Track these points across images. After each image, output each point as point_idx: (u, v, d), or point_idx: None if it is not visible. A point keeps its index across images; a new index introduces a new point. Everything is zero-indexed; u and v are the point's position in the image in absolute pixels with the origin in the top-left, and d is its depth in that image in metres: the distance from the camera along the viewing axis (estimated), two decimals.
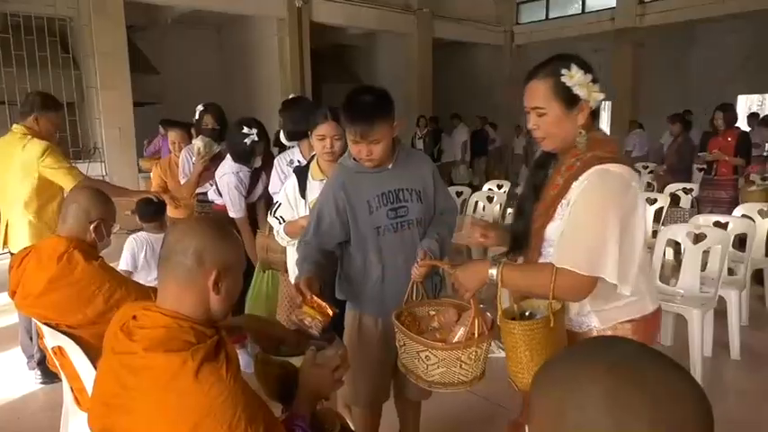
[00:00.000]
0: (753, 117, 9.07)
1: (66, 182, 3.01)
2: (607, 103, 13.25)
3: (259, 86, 10.29)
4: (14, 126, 3.13)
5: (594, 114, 1.49)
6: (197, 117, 3.56)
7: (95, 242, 1.96)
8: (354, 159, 1.90)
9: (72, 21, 7.58)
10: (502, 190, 5.56)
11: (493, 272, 1.48)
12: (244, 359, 3.01)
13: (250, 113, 3.85)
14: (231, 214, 3.08)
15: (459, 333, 1.56)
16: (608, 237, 1.35)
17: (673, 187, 5.72)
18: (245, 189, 3.08)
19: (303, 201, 2.32)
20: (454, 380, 1.52)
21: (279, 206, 2.40)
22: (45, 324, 1.85)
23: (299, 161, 2.78)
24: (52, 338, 1.85)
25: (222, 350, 1.11)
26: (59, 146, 3.26)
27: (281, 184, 2.73)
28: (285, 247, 2.51)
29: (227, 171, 3.06)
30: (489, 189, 5.61)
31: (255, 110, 10.05)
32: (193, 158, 3.48)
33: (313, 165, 2.37)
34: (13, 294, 1.92)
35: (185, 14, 9.38)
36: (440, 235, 1.97)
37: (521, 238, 1.60)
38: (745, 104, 13.36)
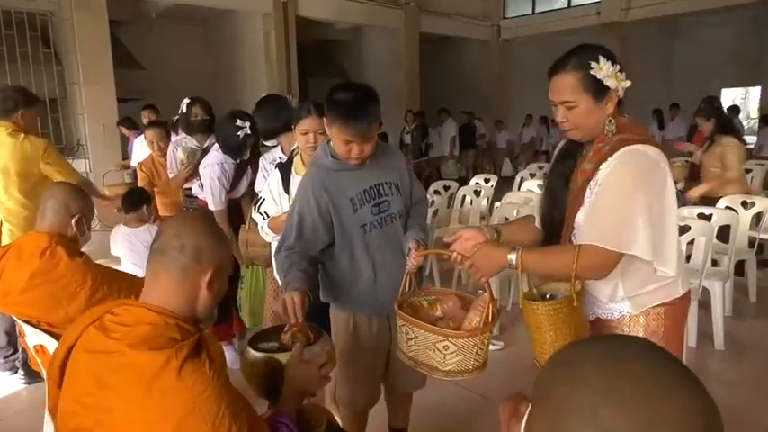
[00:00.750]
0: (732, 110, 9.18)
1: (68, 179, 3.00)
2: None
3: (245, 81, 10.22)
4: (3, 122, 3.08)
5: (620, 100, 1.49)
6: (184, 111, 3.53)
7: (77, 237, 1.95)
8: (332, 157, 1.84)
9: (53, 15, 7.46)
10: (489, 184, 5.57)
11: (512, 257, 1.45)
12: (230, 355, 3.00)
13: (235, 107, 3.82)
14: (211, 207, 3.05)
15: (476, 319, 1.55)
16: (637, 213, 1.35)
17: None
18: (229, 182, 3.05)
19: (287, 196, 2.30)
20: (469, 366, 1.53)
21: (263, 201, 2.38)
22: (26, 322, 1.83)
23: (280, 158, 2.77)
24: (34, 336, 1.82)
25: (204, 348, 1.10)
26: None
27: (264, 178, 2.73)
28: (267, 242, 2.49)
29: (212, 162, 3.03)
30: (477, 183, 5.61)
31: (241, 105, 9.95)
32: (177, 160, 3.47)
33: (296, 159, 2.35)
34: None
35: (170, 9, 9.27)
36: (421, 225, 1.98)
37: (556, 227, 1.57)
38: (730, 98, 13.51)
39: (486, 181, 5.70)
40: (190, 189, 3.47)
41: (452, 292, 1.80)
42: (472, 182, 5.78)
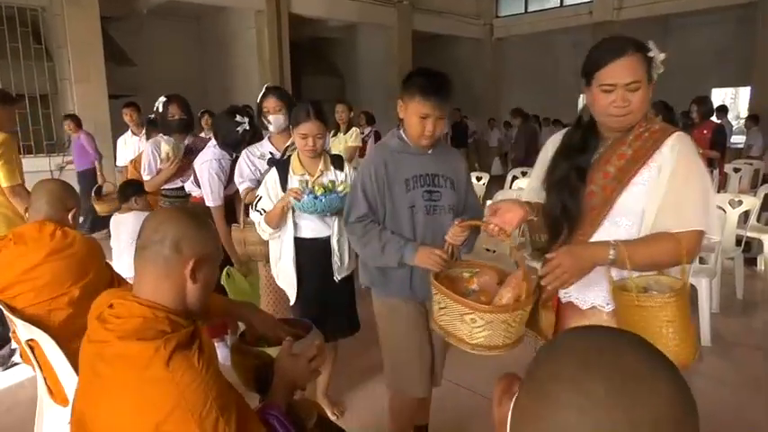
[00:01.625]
0: (721, 111, 9.26)
1: (5, 179, 3.02)
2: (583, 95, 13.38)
3: (237, 78, 10.19)
4: None
5: None
6: (160, 109, 3.47)
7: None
8: (399, 139, 1.96)
9: (44, 11, 7.42)
10: (481, 182, 5.60)
11: (611, 253, 1.39)
12: (222, 352, 3.00)
13: (227, 105, 3.80)
14: (208, 203, 3.05)
15: (507, 296, 1.53)
16: (710, 196, 1.43)
17: None
18: (226, 177, 3.05)
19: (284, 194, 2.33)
20: (498, 342, 1.51)
21: (259, 199, 2.38)
22: (19, 317, 1.83)
23: (270, 153, 2.77)
24: (26, 331, 1.83)
25: (196, 340, 1.11)
26: (33, 138, 3.25)
27: (248, 173, 2.77)
28: (265, 240, 2.49)
29: (209, 158, 3.02)
30: None
31: (234, 102, 9.95)
32: (161, 155, 3.40)
33: (294, 160, 2.36)
34: None
35: (162, 5, 9.23)
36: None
37: (571, 218, 1.54)
38: (720, 98, 13.62)
39: (479, 179, 5.73)
40: (172, 189, 3.46)
41: (493, 266, 1.78)
42: None
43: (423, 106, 1.84)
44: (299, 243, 2.35)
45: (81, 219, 2.20)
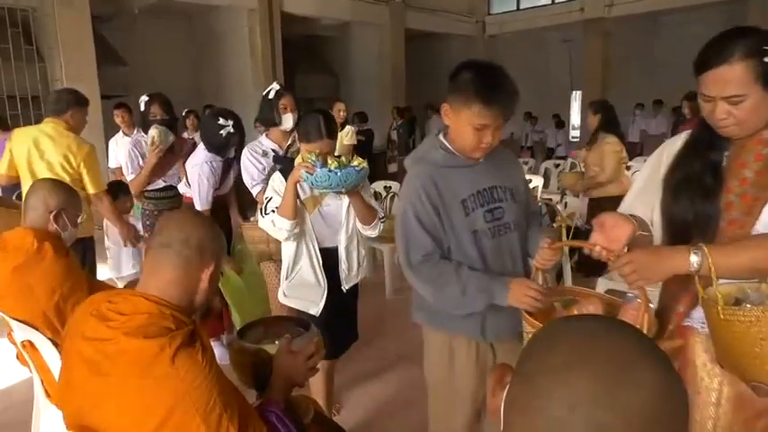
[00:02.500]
0: None
1: (92, 186, 3.11)
2: (577, 92, 13.45)
3: (230, 77, 10.16)
4: (49, 119, 3.22)
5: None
6: (142, 108, 3.48)
7: (59, 233, 1.93)
8: (444, 150, 1.64)
9: (35, 11, 7.36)
10: None
11: (694, 258, 1.17)
12: (218, 351, 3.01)
13: (221, 104, 3.81)
14: (197, 206, 3.05)
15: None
16: None
17: None
18: (217, 180, 3.06)
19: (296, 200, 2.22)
20: None
21: (270, 200, 2.24)
22: (13, 318, 1.83)
23: (273, 150, 2.77)
24: (21, 332, 1.83)
25: (198, 338, 1.13)
26: None
27: (258, 174, 2.76)
28: (268, 237, 2.43)
29: (200, 161, 3.02)
30: None
31: (227, 101, 9.93)
32: (145, 149, 3.37)
33: (298, 164, 2.20)
34: None
35: (154, 4, 9.18)
36: (546, 233, 1.70)
37: (706, 228, 1.29)
38: None
39: None
40: (156, 191, 3.45)
41: (596, 293, 1.53)
42: None
43: (482, 116, 1.50)
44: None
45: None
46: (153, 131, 3.31)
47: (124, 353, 1.06)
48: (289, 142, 2.82)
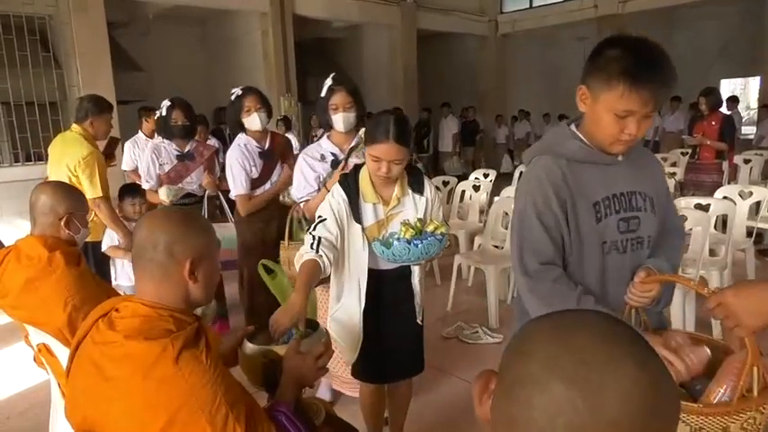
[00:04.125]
0: (732, 101, 9.18)
1: (88, 191, 3.13)
2: None
3: (243, 81, 10.08)
4: (73, 125, 3.38)
5: None
6: (163, 113, 3.41)
7: (72, 237, 1.92)
8: (580, 141, 1.37)
9: (52, 18, 7.48)
10: (488, 179, 5.59)
11: None
12: None
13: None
14: (231, 192, 2.99)
15: (720, 390, 1.07)
16: None
17: None
18: (251, 164, 2.93)
19: (358, 226, 1.90)
20: None
21: (322, 221, 1.88)
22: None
23: (333, 153, 2.45)
24: (37, 336, 1.85)
25: (202, 337, 1.13)
26: (43, 146, 3.38)
27: (306, 185, 2.43)
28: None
29: (234, 144, 3.00)
30: (476, 178, 5.64)
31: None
32: (159, 159, 3.39)
33: (364, 183, 1.92)
34: None
35: (167, 10, 9.29)
36: (670, 259, 1.42)
37: None
38: (729, 89, 13.48)
39: (486, 176, 5.72)
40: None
41: (701, 337, 1.30)
42: (471, 177, 5.80)
43: (628, 99, 1.22)
44: (371, 274, 1.94)
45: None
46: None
47: (127, 356, 1.06)
48: (352, 144, 2.46)
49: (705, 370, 1.19)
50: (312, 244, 1.81)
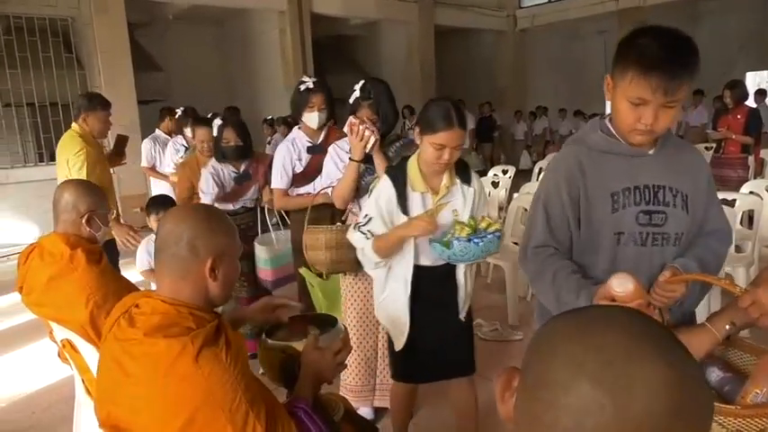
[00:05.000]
0: (759, 94, 8.96)
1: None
2: None
3: (261, 79, 10.30)
4: (72, 125, 3.44)
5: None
6: (215, 133, 3.19)
7: (93, 235, 1.94)
8: (604, 132, 1.38)
9: (74, 20, 7.61)
10: (507, 175, 5.54)
11: None
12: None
13: (252, 106, 3.82)
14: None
15: (760, 390, 1.04)
16: None
17: None
18: (296, 157, 2.83)
19: (404, 217, 1.87)
20: None
21: (369, 220, 1.91)
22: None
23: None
24: (61, 332, 1.88)
25: (222, 334, 1.12)
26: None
27: (338, 170, 2.42)
28: (326, 244, 2.25)
29: (285, 139, 2.94)
30: (495, 174, 5.59)
31: (258, 102, 10.08)
32: (222, 176, 3.14)
33: (413, 172, 1.90)
34: (20, 290, 1.94)
35: (186, 10, 9.38)
36: (702, 261, 1.35)
37: None
38: (755, 81, 13.17)
39: (504, 172, 5.67)
40: (230, 212, 3.19)
41: (737, 339, 1.26)
42: (490, 173, 5.75)
43: (637, 86, 1.21)
44: (415, 272, 1.91)
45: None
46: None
47: (147, 353, 1.07)
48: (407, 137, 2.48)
49: (732, 369, 1.14)
50: (366, 237, 1.90)
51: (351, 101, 2.36)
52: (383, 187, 1.91)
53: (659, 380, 0.49)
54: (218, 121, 3.21)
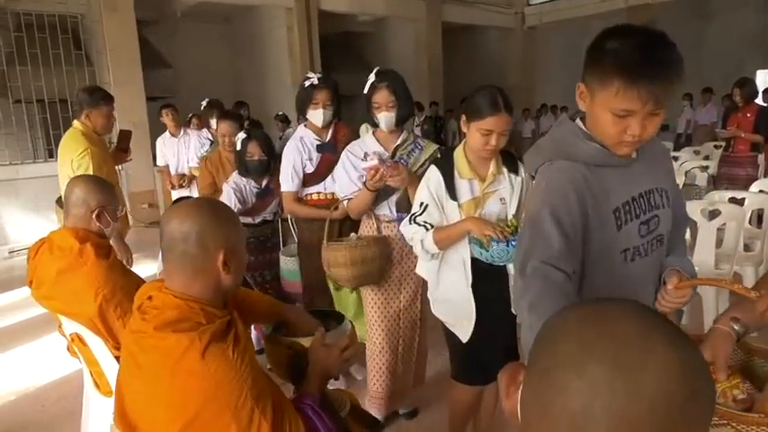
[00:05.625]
0: None
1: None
2: None
3: (269, 76, 10.31)
4: (74, 122, 3.29)
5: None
6: (238, 147, 3.08)
7: (102, 230, 1.96)
8: (596, 141, 1.23)
9: (83, 17, 7.66)
10: None
11: None
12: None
13: (260, 104, 3.80)
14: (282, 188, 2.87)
15: None
16: None
17: (689, 165, 5.64)
18: (307, 157, 2.75)
19: (454, 203, 1.87)
20: None
21: (425, 208, 1.89)
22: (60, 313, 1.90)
23: (377, 153, 2.32)
24: (70, 325, 1.90)
25: (232, 329, 1.13)
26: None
27: (350, 183, 2.34)
28: (350, 260, 2.19)
29: (292, 137, 2.84)
30: None
31: (265, 99, 10.09)
32: (243, 197, 3.05)
33: (459, 159, 1.90)
34: (30, 284, 1.97)
35: (194, 7, 9.41)
36: (686, 256, 1.39)
37: None
38: (765, 79, 13.06)
39: None
40: (253, 225, 3.12)
41: (749, 344, 1.22)
42: None
43: (623, 98, 1.10)
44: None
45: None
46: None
47: (155, 347, 1.07)
48: (398, 142, 2.36)
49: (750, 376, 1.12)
50: (426, 228, 1.87)
51: (366, 89, 2.32)
52: (431, 174, 1.92)
53: (674, 363, 0.50)
54: (241, 135, 3.09)
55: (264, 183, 3.11)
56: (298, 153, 2.70)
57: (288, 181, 2.72)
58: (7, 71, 7.20)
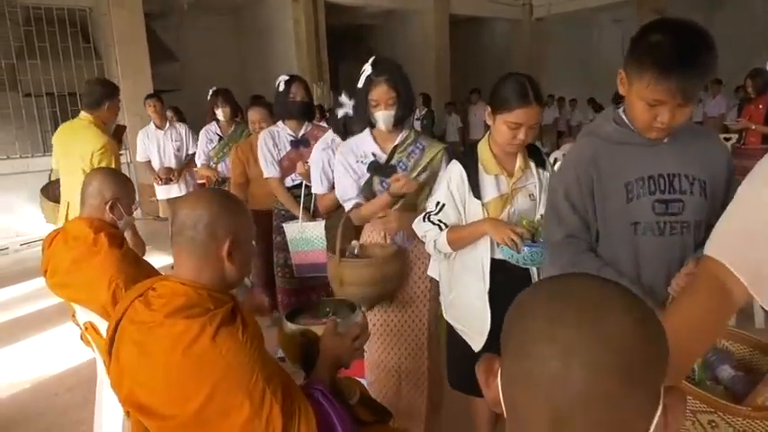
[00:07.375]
0: None
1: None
2: None
3: (276, 69, 10.26)
4: (82, 114, 3.24)
5: None
6: (280, 89, 2.97)
7: (115, 222, 1.98)
8: (617, 123, 1.38)
9: (92, 11, 7.69)
10: None
11: None
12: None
13: (268, 96, 3.77)
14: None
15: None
16: None
17: None
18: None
19: (478, 202, 1.75)
20: None
21: (442, 207, 1.78)
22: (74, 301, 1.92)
23: (373, 154, 2.10)
24: (84, 314, 1.92)
25: (238, 315, 1.15)
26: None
27: (354, 187, 2.12)
28: (370, 280, 1.93)
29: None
30: None
31: (273, 92, 10.07)
32: (277, 146, 2.98)
33: (484, 154, 1.79)
34: (45, 274, 2.00)
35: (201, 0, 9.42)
36: None
37: None
38: None
39: None
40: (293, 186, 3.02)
41: (751, 338, 1.27)
42: None
43: (655, 90, 1.21)
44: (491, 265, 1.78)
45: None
46: None
47: (167, 334, 1.10)
48: (396, 142, 2.11)
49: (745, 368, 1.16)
50: (440, 227, 1.77)
51: (361, 83, 2.07)
52: (454, 172, 1.79)
53: (628, 313, 0.57)
54: (283, 77, 2.97)
55: (301, 132, 3.00)
56: (326, 156, 2.54)
57: (318, 183, 2.58)
58: (17, 65, 7.24)
